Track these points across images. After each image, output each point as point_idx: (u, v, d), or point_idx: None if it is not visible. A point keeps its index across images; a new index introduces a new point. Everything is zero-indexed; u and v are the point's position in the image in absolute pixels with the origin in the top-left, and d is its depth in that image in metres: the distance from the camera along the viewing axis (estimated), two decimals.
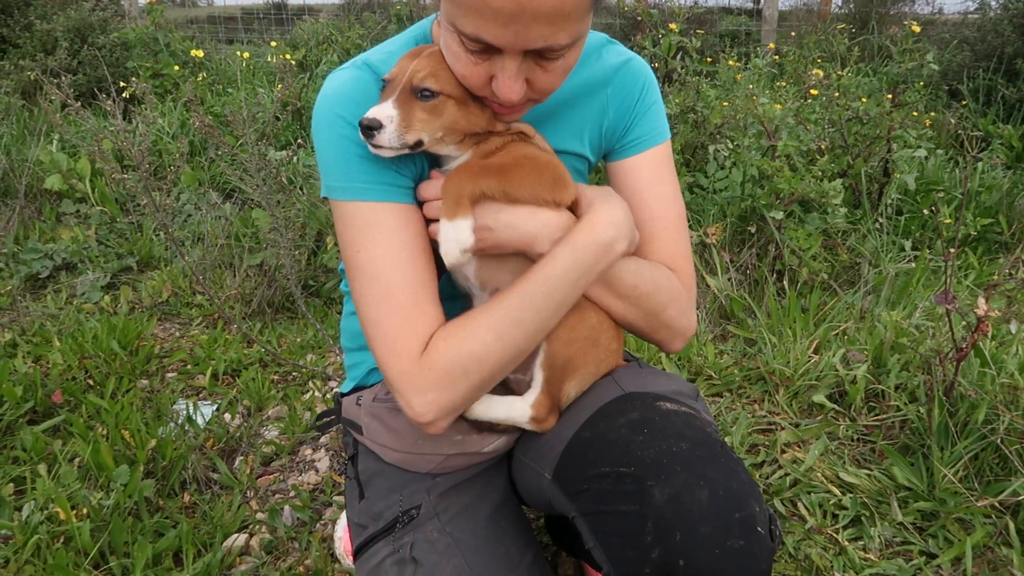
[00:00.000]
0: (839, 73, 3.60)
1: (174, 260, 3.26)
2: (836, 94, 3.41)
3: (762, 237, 2.96)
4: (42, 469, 1.88)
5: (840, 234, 3.07)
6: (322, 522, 1.81)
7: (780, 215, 2.81)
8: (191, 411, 2.14)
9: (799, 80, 4.44)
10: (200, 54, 5.38)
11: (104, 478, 1.83)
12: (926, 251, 2.96)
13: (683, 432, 0.99)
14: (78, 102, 2.81)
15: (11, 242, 3.39)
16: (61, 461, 1.90)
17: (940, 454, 1.82)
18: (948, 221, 3.16)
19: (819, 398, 2.17)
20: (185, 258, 2.55)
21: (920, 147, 3.17)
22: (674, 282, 1.20)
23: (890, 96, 3.53)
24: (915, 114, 3.49)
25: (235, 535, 1.74)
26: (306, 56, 5.69)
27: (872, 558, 1.65)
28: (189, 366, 2.51)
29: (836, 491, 1.84)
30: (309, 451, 2.09)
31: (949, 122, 4.15)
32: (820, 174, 2.85)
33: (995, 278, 2.49)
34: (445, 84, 1.02)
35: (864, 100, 3.51)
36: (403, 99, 1.02)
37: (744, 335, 2.58)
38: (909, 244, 3.05)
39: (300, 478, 1.98)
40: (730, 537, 0.87)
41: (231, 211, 3.46)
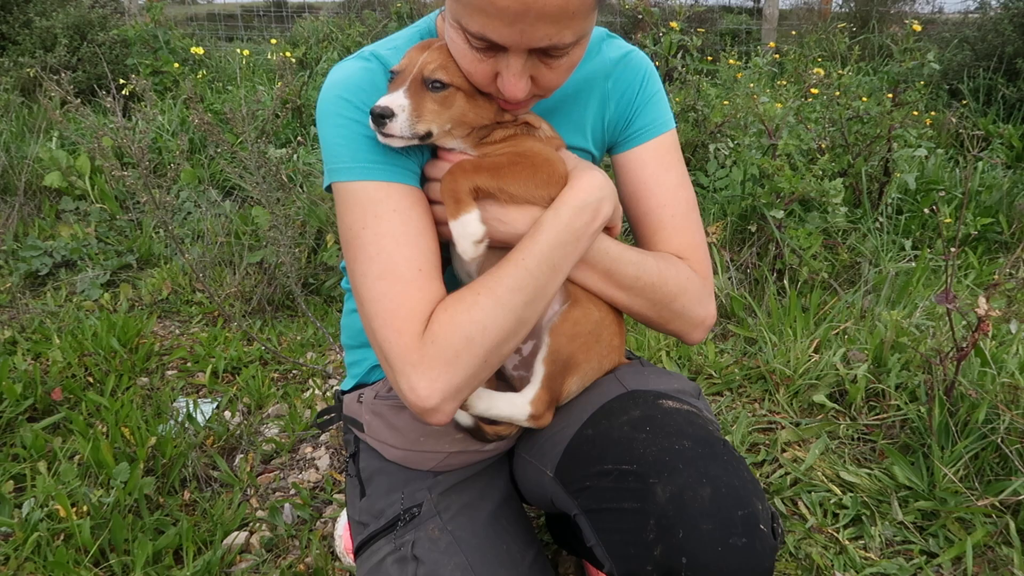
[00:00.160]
0: (840, 72, 3.59)
1: (174, 257, 3.25)
2: (837, 93, 3.40)
3: (762, 236, 2.96)
4: (42, 466, 1.88)
5: (840, 233, 3.07)
6: (322, 520, 1.81)
7: (780, 214, 2.81)
8: (191, 409, 2.14)
9: (800, 79, 4.43)
10: (200, 51, 5.37)
11: (104, 476, 1.82)
12: (926, 250, 2.96)
13: (685, 430, 0.99)
14: (78, 99, 2.81)
15: (11, 239, 3.39)
16: (61, 458, 1.90)
17: (940, 453, 1.82)
18: (948, 220, 3.16)
19: (819, 397, 2.17)
20: (185, 256, 2.55)
21: (920, 146, 3.17)
22: (683, 271, 1.18)
23: (891, 95, 3.54)
24: (915, 113, 3.49)
25: (235, 533, 1.74)
26: (306, 54, 5.69)
27: (872, 557, 1.65)
28: (189, 364, 2.51)
29: (836, 490, 1.84)
30: (309, 449, 2.09)
31: (950, 121, 4.15)
32: (820, 173, 2.85)
33: (995, 278, 2.49)
34: (455, 77, 1.03)
35: (865, 99, 3.51)
36: (414, 89, 1.02)
37: (744, 334, 2.58)
38: (909, 243, 3.05)
39: (300, 476, 1.98)
40: (732, 535, 0.87)
41: (231, 209, 3.45)
